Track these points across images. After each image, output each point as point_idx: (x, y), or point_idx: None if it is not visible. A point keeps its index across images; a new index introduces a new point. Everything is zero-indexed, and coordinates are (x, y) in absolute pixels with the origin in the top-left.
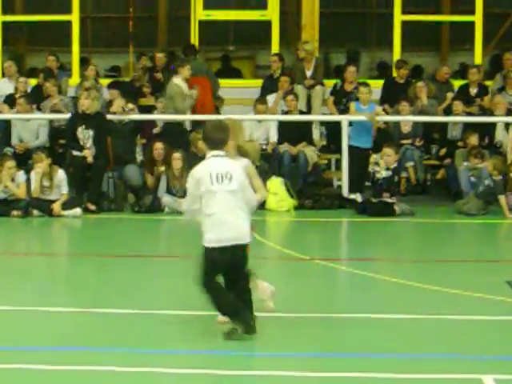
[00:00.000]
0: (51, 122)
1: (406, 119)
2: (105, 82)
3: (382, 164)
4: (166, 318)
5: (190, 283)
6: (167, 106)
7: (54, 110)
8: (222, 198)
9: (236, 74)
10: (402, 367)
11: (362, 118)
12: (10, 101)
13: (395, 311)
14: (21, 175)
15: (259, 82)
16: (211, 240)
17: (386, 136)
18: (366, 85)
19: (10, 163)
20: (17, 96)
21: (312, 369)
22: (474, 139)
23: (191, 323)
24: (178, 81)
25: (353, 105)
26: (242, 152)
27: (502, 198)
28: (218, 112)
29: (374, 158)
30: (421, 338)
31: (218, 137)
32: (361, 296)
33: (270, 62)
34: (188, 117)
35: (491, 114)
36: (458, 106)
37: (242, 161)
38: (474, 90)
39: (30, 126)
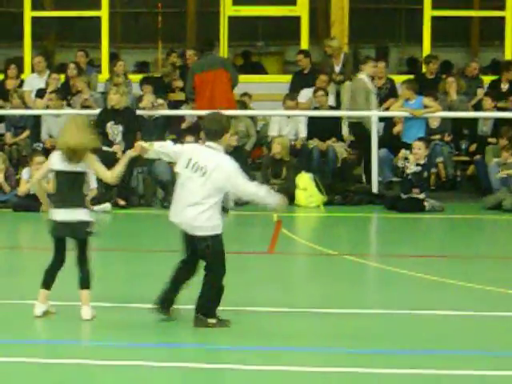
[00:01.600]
0: None
1: (441, 115)
2: (134, 77)
3: (412, 159)
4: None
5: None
6: (350, 102)
7: (85, 106)
8: (190, 184)
9: (261, 69)
10: (435, 363)
11: (396, 113)
12: (40, 96)
13: (426, 307)
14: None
15: (288, 78)
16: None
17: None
18: (410, 81)
19: (40, 159)
20: (48, 91)
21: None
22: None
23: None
24: (362, 76)
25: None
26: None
27: None
28: (245, 107)
29: (403, 153)
30: (454, 335)
31: (213, 128)
32: (390, 292)
33: (297, 58)
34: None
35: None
36: (488, 101)
37: None
38: (505, 86)
39: (61, 122)
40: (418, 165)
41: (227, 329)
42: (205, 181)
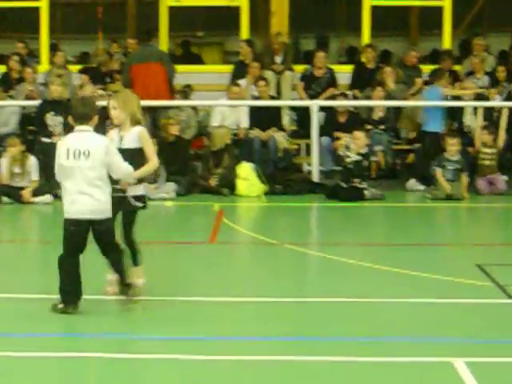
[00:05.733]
0: (22, 108)
1: (382, 104)
2: (74, 68)
3: (353, 148)
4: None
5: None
6: None
7: (29, 97)
8: (78, 173)
9: (200, 60)
10: (371, 350)
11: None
12: None
13: (365, 295)
14: None
15: (228, 68)
16: (70, 212)
17: (356, 120)
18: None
19: None
20: None
21: (280, 352)
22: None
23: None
24: None
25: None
26: (136, 120)
27: (463, 177)
28: (186, 98)
29: (344, 141)
30: (391, 322)
31: (82, 111)
32: (331, 280)
33: (239, 48)
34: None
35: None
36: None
37: (135, 128)
38: None
39: (1, 113)
40: (358, 154)
41: (155, 318)
42: (93, 162)
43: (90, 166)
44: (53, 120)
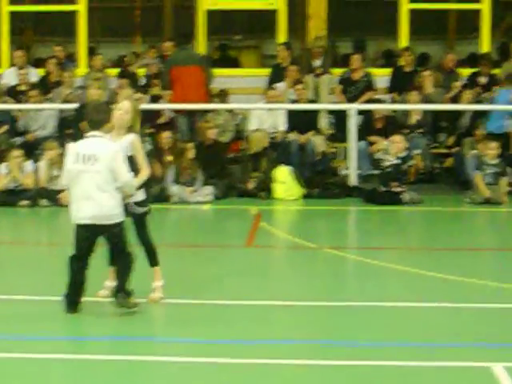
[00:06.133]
0: (60, 112)
1: (420, 108)
2: (112, 71)
3: (392, 152)
4: None
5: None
6: None
7: (66, 100)
8: (86, 177)
9: (237, 63)
10: (410, 355)
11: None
12: (17, 92)
13: (404, 299)
14: (28, 165)
15: (265, 72)
16: (76, 217)
17: (394, 124)
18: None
19: (17, 153)
20: (27, 88)
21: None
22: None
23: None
24: None
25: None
26: (134, 129)
27: (502, 181)
28: (223, 101)
29: (383, 145)
30: (431, 327)
31: (96, 118)
32: (368, 284)
33: (276, 51)
34: (183, 106)
35: None
36: (467, 94)
37: (129, 136)
38: (483, 79)
39: (39, 116)
40: (397, 157)
41: (197, 320)
42: (100, 167)
43: (97, 171)
44: None
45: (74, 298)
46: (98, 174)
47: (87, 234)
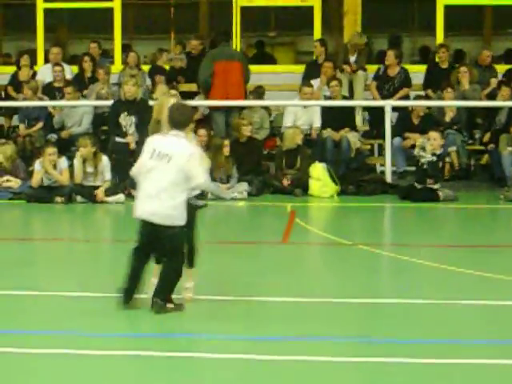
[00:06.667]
0: (95, 108)
1: (456, 104)
2: (146, 68)
3: (429, 148)
4: None
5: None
6: None
7: (100, 97)
8: (156, 174)
9: (273, 60)
10: (447, 352)
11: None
12: (52, 88)
13: (440, 297)
14: (63, 161)
15: (300, 68)
16: (137, 210)
17: (429, 121)
18: None
19: (52, 149)
20: (62, 84)
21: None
22: None
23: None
24: None
25: None
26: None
27: None
28: (259, 98)
29: (420, 141)
30: (465, 324)
31: (178, 119)
32: (404, 281)
33: (313, 47)
34: (220, 103)
35: None
36: (504, 91)
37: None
38: None
39: (75, 113)
40: (433, 154)
41: (235, 317)
42: (171, 167)
43: (168, 170)
44: (126, 120)
45: (129, 290)
46: (169, 173)
47: (147, 229)
